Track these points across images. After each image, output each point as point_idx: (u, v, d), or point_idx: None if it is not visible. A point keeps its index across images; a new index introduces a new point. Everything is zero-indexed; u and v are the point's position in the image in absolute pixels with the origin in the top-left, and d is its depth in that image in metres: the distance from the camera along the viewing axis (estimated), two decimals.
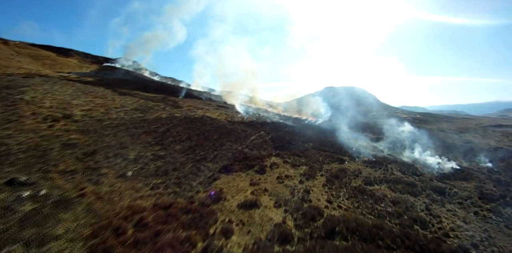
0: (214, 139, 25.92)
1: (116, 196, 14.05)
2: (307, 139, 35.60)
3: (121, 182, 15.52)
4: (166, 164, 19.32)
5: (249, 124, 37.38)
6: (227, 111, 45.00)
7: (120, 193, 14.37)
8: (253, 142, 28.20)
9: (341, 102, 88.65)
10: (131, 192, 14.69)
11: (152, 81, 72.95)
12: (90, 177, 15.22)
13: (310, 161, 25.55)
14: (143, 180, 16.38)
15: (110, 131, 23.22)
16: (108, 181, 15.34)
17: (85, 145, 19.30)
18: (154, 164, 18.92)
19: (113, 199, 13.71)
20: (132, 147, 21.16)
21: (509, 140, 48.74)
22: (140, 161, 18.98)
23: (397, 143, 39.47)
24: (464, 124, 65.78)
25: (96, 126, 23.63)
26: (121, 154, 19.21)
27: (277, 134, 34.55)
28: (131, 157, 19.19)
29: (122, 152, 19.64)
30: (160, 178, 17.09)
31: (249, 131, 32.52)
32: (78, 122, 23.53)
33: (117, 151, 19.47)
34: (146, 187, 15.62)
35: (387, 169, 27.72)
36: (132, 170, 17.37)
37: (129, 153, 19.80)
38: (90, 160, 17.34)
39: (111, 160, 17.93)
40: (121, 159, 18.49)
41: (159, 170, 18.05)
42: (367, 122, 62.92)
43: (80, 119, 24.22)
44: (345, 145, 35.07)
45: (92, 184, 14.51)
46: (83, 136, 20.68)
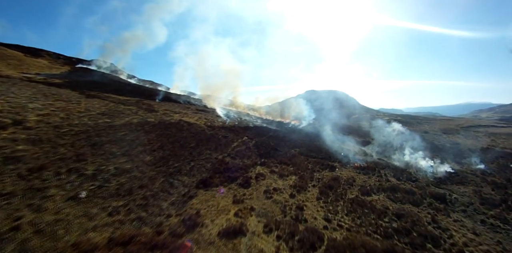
0: (191, 147, 22.69)
1: (61, 228, 10.66)
2: (293, 144, 33.04)
3: (71, 207, 12.08)
4: (132, 180, 15.94)
5: (231, 129, 34.36)
6: (207, 115, 41.75)
7: (68, 224, 10.96)
8: (236, 149, 25.18)
9: (324, 105, 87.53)
10: (82, 221, 11.30)
11: (128, 83, 68.34)
12: (31, 201, 11.70)
13: (299, 169, 22.87)
14: (100, 202, 12.97)
15: (67, 140, 19.51)
16: (54, 206, 11.86)
17: (33, 158, 15.60)
18: (116, 181, 15.48)
19: (57, 232, 10.33)
20: (91, 159, 17.61)
21: (491, 140, 48.61)
22: (100, 177, 15.50)
23: (386, 146, 37.79)
24: (445, 125, 65.99)
25: (51, 134, 19.83)
26: (76, 168, 15.66)
27: (261, 139, 31.75)
28: (89, 172, 15.67)
29: (78, 166, 16.08)
30: (122, 199, 13.74)
31: (230, 137, 29.48)
32: (30, 129, 19.62)
33: (72, 165, 15.90)
34: (103, 212, 12.25)
35: (381, 176, 25.57)
36: (88, 189, 13.90)
37: (87, 167, 16.27)
38: (35, 177, 13.72)
39: (63, 177, 14.38)
40: (76, 175, 14.96)
41: (122, 188, 14.67)
42: (351, 125, 61.58)
43: (34, 126, 20.29)
44: (333, 150, 32.82)
45: (32, 211, 11.04)
46: (32, 147, 16.93)
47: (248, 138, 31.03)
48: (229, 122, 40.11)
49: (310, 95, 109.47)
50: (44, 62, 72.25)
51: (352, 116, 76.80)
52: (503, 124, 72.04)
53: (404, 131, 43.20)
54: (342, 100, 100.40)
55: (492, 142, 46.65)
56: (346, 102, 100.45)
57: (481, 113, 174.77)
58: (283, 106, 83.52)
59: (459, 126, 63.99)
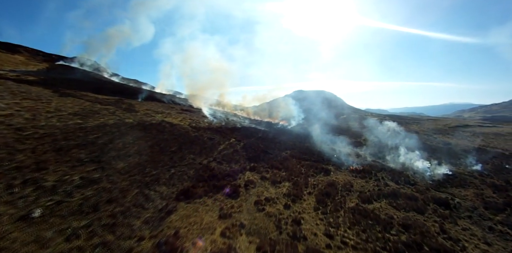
0: (173, 151, 20.24)
1: None
2: (284, 146, 31.01)
3: (20, 230, 9.62)
4: (99, 193, 13.44)
5: (217, 130, 32.01)
6: (192, 116, 39.21)
7: None
8: (222, 153, 22.88)
9: (312, 105, 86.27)
10: (30, 250, 8.86)
11: (110, 82, 64.59)
12: None
13: (292, 174, 20.81)
14: (58, 223, 10.51)
15: (29, 145, 16.81)
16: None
17: None
18: (80, 194, 12.95)
19: None
20: (54, 167, 15.01)
21: (481, 140, 48.23)
22: (61, 189, 12.94)
23: (380, 146, 36.34)
24: (433, 125, 65.73)
25: (10, 138, 17.08)
26: (34, 179, 13.06)
27: (250, 141, 29.57)
28: (48, 184, 13.12)
29: (36, 176, 13.48)
30: (85, 217, 11.26)
31: (217, 138, 27.13)
32: None
33: (29, 176, 13.28)
34: (59, 236, 9.78)
35: (379, 179, 23.87)
36: (44, 206, 11.39)
37: (47, 178, 13.70)
38: None
39: (16, 191, 11.82)
40: (32, 187, 12.39)
41: (86, 203, 12.19)
42: (340, 125, 60.26)
43: None
44: (325, 152, 31.00)
45: None
46: None
47: (236, 140, 28.78)
48: (215, 122, 37.75)
49: (298, 95, 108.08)
50: (20, 59, 67.63)
51: (340, 116, 75.76)
52: (488, 123, 72.61)
53: (400, 131, 42.03)
54: (330, 100, 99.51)
55: (482, 142, 46.20)
56: (334, 102, 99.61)
57: (463, 113, 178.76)
58: (271, 106, 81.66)
59: (447, 126, 63.83)
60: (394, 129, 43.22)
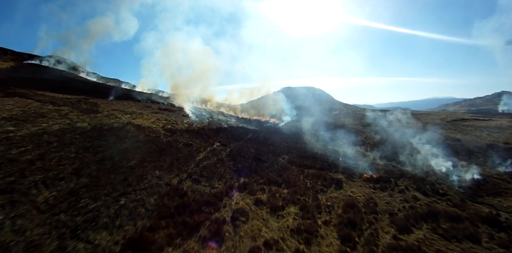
0: (129, 167, 14.25)
1: None
2: (279, 150, 25.43)
3: None
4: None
5: (198, 132, 26.07)
6: (170, 116, 33.07)
7: None
8: (202, 164, 17.04)
9: (302, 102, 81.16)
10: None
11: (83, 81, 57.11)
12: None
13: (297, 192, 15.22)
14: None
15: None
16: None
17: None
18: None
19: None
20: None
21: (487, 134, 44.13)
22: None
23: (387, 144, 31.28)
24: (429, 119, 61.71)
25: None
26: None
27: (238, 145, 23.82)
28: None
29: None
30: None
31: (196, 144, 21.25)
32: None
33: None
34: None
35: (403, 190, 18.67)
36: None
37: None
38: None
39: None
40: None
41: None
42: (335, 122, 55.18)
43: None
44: (328, 155, 25.66)
45: None
46: None
47: (221, 144, 22.97)
48: (197, 123, 31.76)
49: (286, 92, 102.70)
50: None
51: (333, 112, 70.92)
52: (483, 117, 69.31)
53: (410, 125, 37.07)
54: (320, 97, 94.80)
55: (489, 136, 42.04)
56: (324, 98, 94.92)
57: (448, 107, 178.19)
58: (260, 103, 76.09)
59: (444, 120, 59.96)
60: (405, 121, 38.32)
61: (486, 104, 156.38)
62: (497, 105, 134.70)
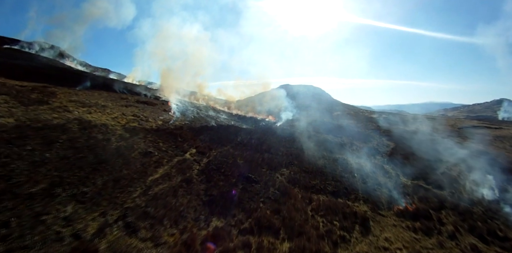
0: (26, 197, 7.76)
1: None
2: (276, 159, 19.06)
3: None
4: None
5: (173, 132, 19.58)
6: (145, 110, 26.48)
7: None
8: (154, 190, 10.57)
9: (301, 100, 74.46)
10: None
11: (55, 67, 49.94)
12: None
13: (306, 246, 8.85)
14: None
15: None
16: None
17: None
18: None
19: None
20: None
21: (510, 146, 38.23)
22: None
23: (407, 155, 25.05)
24: (435, 124, 55.66)
25: None
26: None
27: (223, 152, 17.38)
28: None
29: None
30: None
31: (160, 152, 14.77)
32: None
33: None
34: None
35: (454, 235, 12.44)
36: None
37: None
38: None
39: None
40: None
41: None
42: (337, 123, 48.88)
43: None
44: (340, 169, 19.37)
45: None
46: None
47: (198, 151, 16.50)
48: (177, 120, 25.22)
49: (285, 90, 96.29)
50: None
51: (334, 113, 64.54)
52: (494, 125, 63.54)
53: (438, 132, 30.90)
54: (319, 96, 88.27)
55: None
56: (323, 98, 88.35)
57: (446, 112, 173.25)
58: (257, 100, 69.54)
59: (454, 127, 54.06)
60: (428, 129, 32.23)
61: (485, 111, 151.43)
62: (497, 112, 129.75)
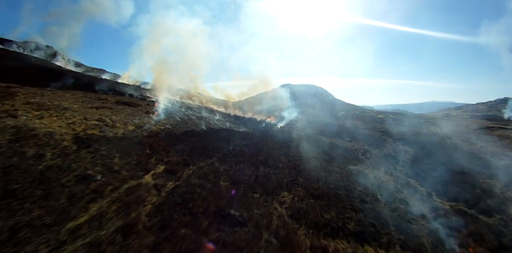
0: None
1: None
2: (274, 176, 14.38)
3: None
4: None
5: (142, 142, 14.96)
6: (121, 113, 21.91)
7: None
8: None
9: (303, 100, 69.86)
10: None
11: (36, 67, 45.49)
12: None
13: None
14: None
15: None
16: None
17: None
18: None
19: None
20: None
21: None
22: None
23: (434, 166, 20.26)
24: (452, 126, 50.66)
25: None
26: None
27: (200, 170, 12.72)
28: None
29: None
30: None
31: (107, 174, 10.15)
32: None
33: None
34: None
35: None
36: None
37: None
38: None
39: None
40: None
41: None
42: (344, 125, 44.06)
43: None
44: (357, 189, 14.66)
45: None
46: None
47: (167, 169, 11.83)
48: (155, 123, 20.61)
49: (286, 89, 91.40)
50: None
51: (338, 113, 59.74)
52: (505, 125, 58.43)
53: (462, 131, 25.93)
54: (322, 95, 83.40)
55: None
56: (325, 97, 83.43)
57: (450, 111, 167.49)
58: (258, 100, 64.96)
59: (469, 128, 49.10)
60: (443, 131, 27.38)
61: (490, 110, 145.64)
62: (502, 111, 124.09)
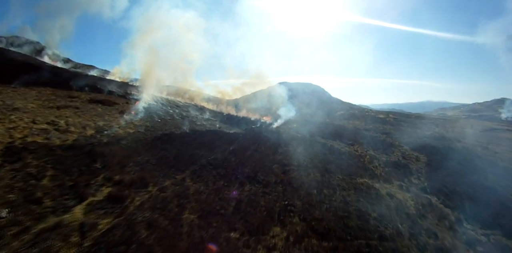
0: None
1: None
2: (260, 201, 10.82)
3: None
4: None
5: (92, 151, 11.30)
6: (86, 113, 18.16)
7: None
8: None
9: (300, 99, 66.17)
10: None
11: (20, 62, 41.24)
12: None
13: None
14: None
15: None
16: None
17: None
18: None
19: None
20: None
21: None
22: None
23: (456, 180, 16.86)
24: (456, 127, 47.55)
25: None
26: None
27: (161, 192, 9.09)
28: None
29: None
30: None
31: (15, 209, 6.55)
32: None
33: None
34: None
35: None
36: None
37: None
38: None
39: None
40: None
41: None
42: (344, 125, 40.61)
43: None
44: (374, 221, 11.15)
45: None
46: None
47: (111, 195, 8.19)
48: (125, 126, 16.92)
49: (282, 87, 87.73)
50: None
51: (337, 113, 56.30)
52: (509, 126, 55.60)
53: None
54: (319, 94, 79.89)
55: None
56: (324, 96, 79.94)
57: (446, 111, 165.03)
58: (253, 98, 61.36)
59: (475, 130, 46.04)
60: (450, 133, 24.02)
61: (486, 110, 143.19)
62: (499, 112, 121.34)
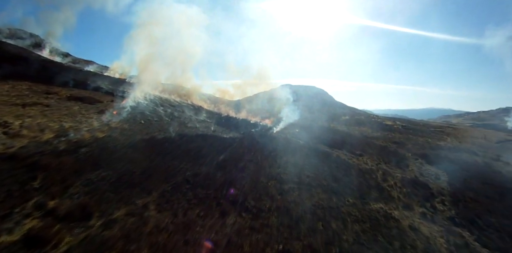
0: None
1: None
2: (244, 246, 7.67)
3: None
4: None
5: (39, 164, 8.19)
6: (54, 113, 15.09)
7: None
8: None
9: (303, 102, 63.03)
10: None
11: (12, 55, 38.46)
12: None
13: None
14: None
15: None
16: None
17: None
18: None
19: None
20: None
21: None
22: None
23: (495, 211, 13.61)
24: (472, 138, 44.04)
25: None
26: None
27: (99, 241, 5.99)
28: None
29: None
30: None
31: None
32: None
33: None
34: None
35: None
36: None
37: None
38: None
39: None
40: None
41: None
42: (351, 133, 37.31)
43: None
44: None
45: None
46: None
47: (29, 236, 5.13)
48: (98, 128, 13.91)
49: (285, 90, 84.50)
50: None
51: (341, 117, 52.97)
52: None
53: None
54: (323, 97, 76.71)
55: None
56: (328, 100, 76.67)
57: (450, 119, 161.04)
58: (254, 99, 58.31)
59: (489, 141, 42.63)
60: (467, 144, 20.78)
61: (491, 119, 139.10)
62: (504, 121, 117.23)
